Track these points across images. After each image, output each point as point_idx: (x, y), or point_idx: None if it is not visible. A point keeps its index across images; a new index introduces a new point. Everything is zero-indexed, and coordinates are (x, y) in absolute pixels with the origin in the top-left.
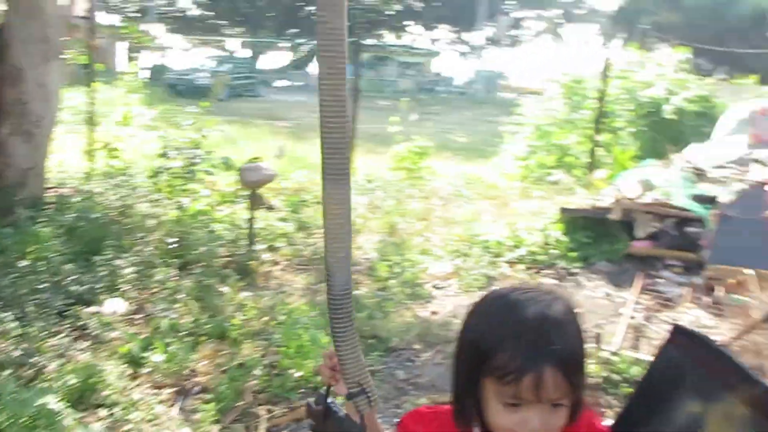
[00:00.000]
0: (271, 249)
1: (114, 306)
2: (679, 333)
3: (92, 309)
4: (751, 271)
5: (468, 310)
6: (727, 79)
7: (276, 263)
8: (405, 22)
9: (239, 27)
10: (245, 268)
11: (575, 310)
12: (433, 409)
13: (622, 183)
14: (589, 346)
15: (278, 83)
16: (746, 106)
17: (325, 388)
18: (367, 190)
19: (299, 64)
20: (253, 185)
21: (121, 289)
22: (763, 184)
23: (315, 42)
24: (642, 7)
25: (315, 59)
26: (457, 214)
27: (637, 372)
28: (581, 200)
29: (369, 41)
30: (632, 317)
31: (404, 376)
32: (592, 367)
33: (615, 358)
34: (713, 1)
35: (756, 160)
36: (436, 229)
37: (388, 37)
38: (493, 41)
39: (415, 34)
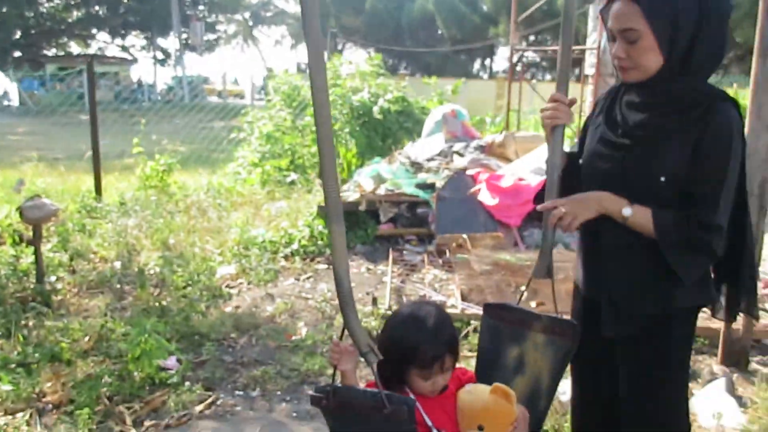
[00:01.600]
0: (58, 279)
1: None
2: (488, 306)
3: None
4: (465, 236)
5: (386, 323)
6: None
7: (69, 291)
8: (91, 30)
9: None
10: (44, 299)
11: (446, 312)
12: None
13: (360, 178)
14: (369, 308)
15: None
16: (440, 110)
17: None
18: (127, 211)
19: None
20: (37, 221)
21: None
22: (464, 170)
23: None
24: (326, 11)
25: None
26: (223, 224)
27: None
28: (318, 197)
29: (51, 52)
30: (392, 282)
31: (231, 359)
32: (374, 323)
33: (389, 313)
34: (386, 5)
35: (455, 152)
36: (208, 238)
37: (74, 47)
38: (189, 46)
39: (104, 42)
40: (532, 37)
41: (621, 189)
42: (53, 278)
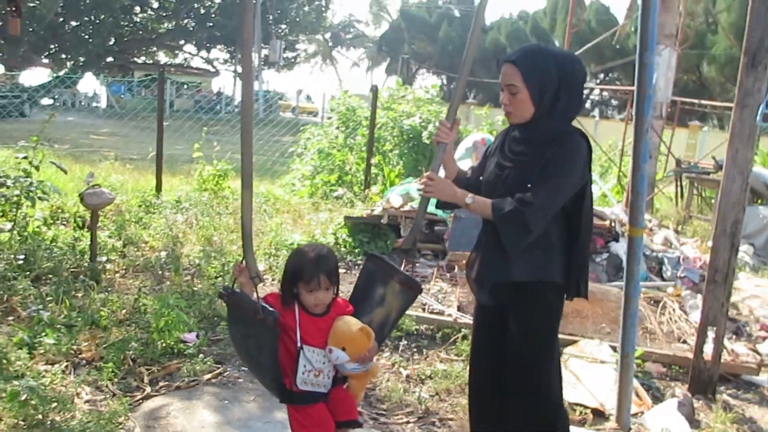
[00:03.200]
0: (109, 261)
1: None
2: (369, 255)
3: None
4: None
5: (290, 256)
6: (472, 104)
7: (116, 272)
8: (179, 42)
9: None
10: (94, 276)
11: (333, 252)
12: (274, 295)
13: (391, 195)
14: None
15: (44, 101)
16: (472, 137)
17: (232, 281)
18: (181, 209)
19: (64, 81)
20: (95, 207)
21: None
22: None
23: (82, 58)
24: (401, 36)
25: (84, 75)
26: (262, 225)
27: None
28: (360, 210)
29: (141, 60)
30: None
31: None
32: None
33: None
34: (459, 35)
35: None
36: None
37: (162, 57)
38: (268, 63)
39: (190, 54)
40: (602, 75)
41: (503, 193)
42: (104, 259)
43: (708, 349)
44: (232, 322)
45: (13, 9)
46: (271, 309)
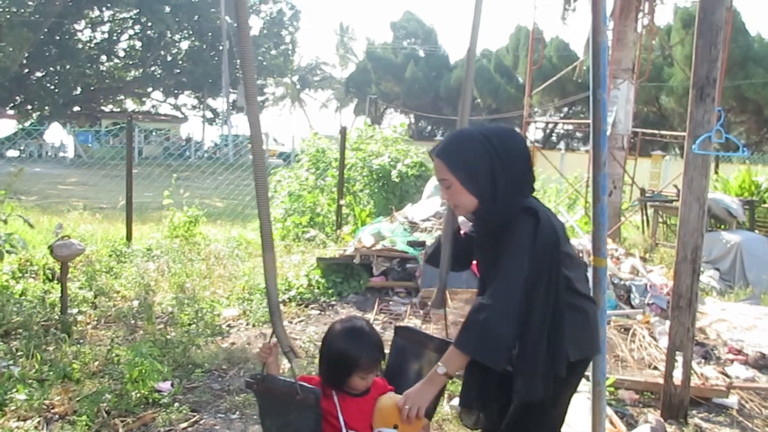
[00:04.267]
0: (80, 312)
1: None
2: (398, 328)
3: None
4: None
5: (326, 336)
6: (438, 141)
7: (88, 323)
8: (147, 89)
9: None
10: (65, 328)
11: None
12: (306, 379)
13: (362, 235)
14: None
15: (10, 153)
16: None
17: (262, 365)
18: (152, 257)
19: (30, 132)
20: (65, 259)
21: None
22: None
23: (48, 108)
24: (368, 77)
25: (51, 125)
26: (235, 270)
27: None
28: (332, 251)
29: (108, 108)
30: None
31: (218, 387)
32: None
33: None
34: (425, 74)
35: None
36: (220, 283)
37: (130, 104)
38: (236, 107)
39: (157, 101)
40: (566, 109)
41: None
42: (75, 311)
43: (678, 374)
44: (265, 413)
45: None
46: (310, 387)
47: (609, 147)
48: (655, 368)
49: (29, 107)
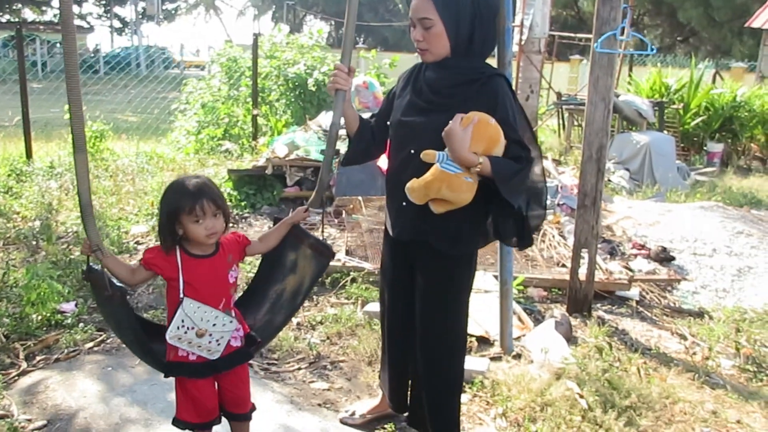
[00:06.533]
0: None
1: None
2: (275, 220)
3: None
4: (360, 198)
5: (163, 194)
6: (362, 49)
7: None
8: None
9: None
10: None
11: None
12: (154, 249)
13: (276, 146)
14: None
15: None
16: (354, 81)
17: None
18: (55, 175)
19: None
20: None
21: None
22: None
23: None
24: None
25: None
26: (145, 186)
27: None
28: (248, 163)
29: (5, 19)
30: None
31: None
32: None
33: None
34: None
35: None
36: (129, 200)
37: (28, 14)
38: (146, 16)
39: (59, 10)
40: None
41: (423, 137)
42: None
43: (583, 270)
44: (96, 302)
45: None
46: (118, 285)
47: (526, 51)
48: (564, 266)
49: None
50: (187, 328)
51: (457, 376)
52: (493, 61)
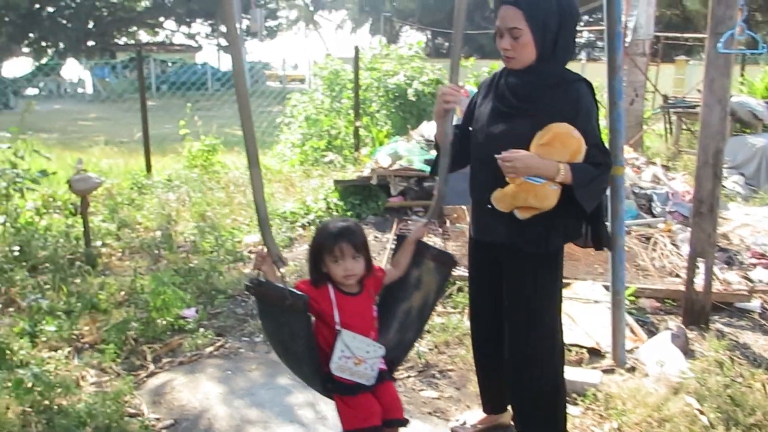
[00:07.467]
0: (104, 245)
1: None
2: (398, 237)
3: None
4: (464, 208)
5: (314, 233)
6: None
7: (112, 255)
8: (159, 19)
9: None
10: (90, 260)
11: (359, 224)
12: (306, 282)
13: (379, 156)
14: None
15: (29, 91)
16: None
17: (257, 272)
18: (173, 187)
19: (47, 70)
20: (83, 192)
21: None
22: None
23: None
24: None
25: (67, 61)
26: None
27: None
28: (351, 173)
29: (122, 41)
30: (392, 249)
31: (242, 312)
32: None
33: None
34: None
35: None
36: (241, 211)
37: (144, 36)
38: (250, 33)
39: (170, 31)
40: (586, 17)
41: (506, 142)
42: (99, 243)
43: (699, 281)
44: (262, 315)
45: None
46: (300, 293)
47: (630, 53)
48: (677, 276)
49: (43, 44)
50: (347, 358)
51: (552, 387)
52: (601, 66)
